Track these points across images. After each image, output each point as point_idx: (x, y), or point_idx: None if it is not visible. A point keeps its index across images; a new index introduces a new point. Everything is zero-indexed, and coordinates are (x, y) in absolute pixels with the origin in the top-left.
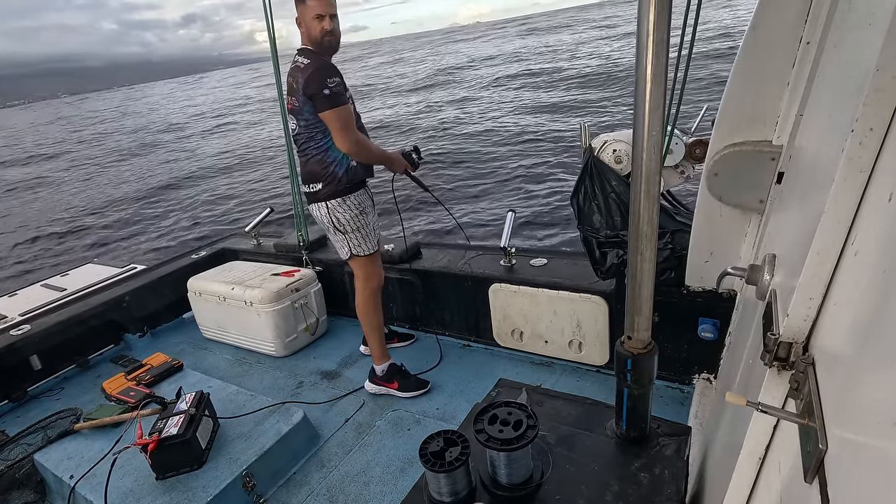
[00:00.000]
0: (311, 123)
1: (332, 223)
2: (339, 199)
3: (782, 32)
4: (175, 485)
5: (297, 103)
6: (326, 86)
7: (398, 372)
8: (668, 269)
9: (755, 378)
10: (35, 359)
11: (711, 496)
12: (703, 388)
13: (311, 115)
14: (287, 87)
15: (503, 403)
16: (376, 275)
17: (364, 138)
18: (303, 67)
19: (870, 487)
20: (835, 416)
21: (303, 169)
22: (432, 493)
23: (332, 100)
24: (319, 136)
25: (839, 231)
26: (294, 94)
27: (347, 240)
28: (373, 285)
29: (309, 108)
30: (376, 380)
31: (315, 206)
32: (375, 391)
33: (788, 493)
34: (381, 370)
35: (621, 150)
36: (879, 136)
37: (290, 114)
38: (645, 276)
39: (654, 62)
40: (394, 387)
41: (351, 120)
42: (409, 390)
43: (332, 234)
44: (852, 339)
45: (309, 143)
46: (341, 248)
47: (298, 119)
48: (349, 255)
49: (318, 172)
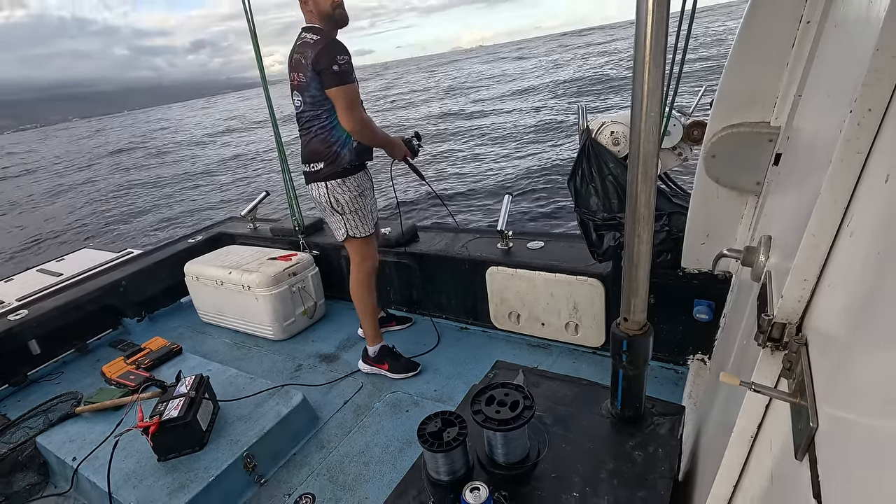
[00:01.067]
0: (317, 100)
1: (331, 203)
2: (339, 180)
3: (782, 12)
4: (177, 466)
5: (303, 79)
6: (336, 62)
7: (389, 353)
8: (664, 252)
9: (749, 358)
10: (34, 343)
11: (704, 474)
12: (698, 369)
13: (318, 92)
14: (292, 63)
15: (500, 385)
16: (371, 257)
17: (369, 118)
18: (312, 43)
19: (859, 464)
20: (826, 395)
21: (304, 148)
22: (430, 472)
23: (340, 77)
24: (325, 115)
25: (835, 212)
26: (301, 70)
27: (344, 221)
28: (367, 267)
29: (316, 84)
30: (368, 360)
31: (314, 186)
32: (368, 371)
33: (779, 470)
34: (373, 351)
35: (619, 132)
36: (878, 116)
37: (296, 90)
38: (641, 258)
39: (653, 43)
40: (384, 367)
41: (357, 99)
42: (398, 372)
43: (330, 215)
44: (845, 320)
45: (313, 122)
46: (337, 228)
47: (304, 95)
48: (345, 237)
49: (321, 151)
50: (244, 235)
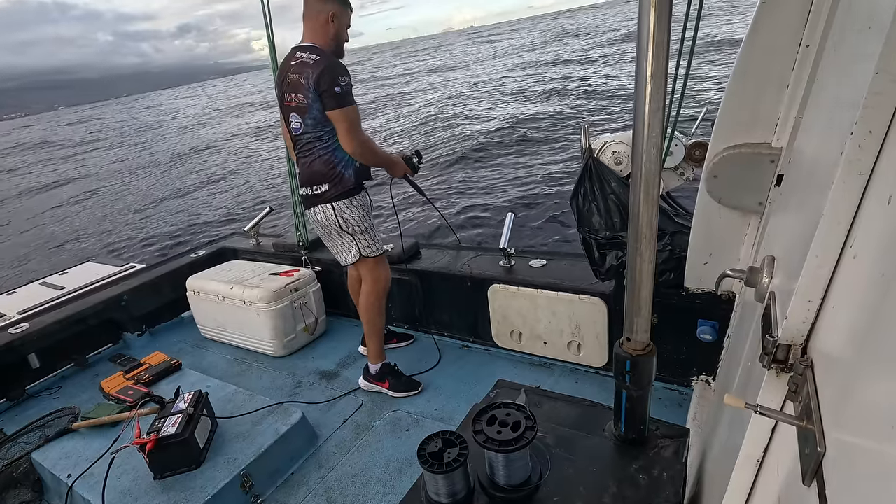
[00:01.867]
0: (319, 122)
1: (339, 225)
2: (346, 200)
3: (782, 35)
4: (173, 484)
5: (304, 100)
6: (338, 83)
7: (390, 372)
8: (667, 271)
9: (754, 380)
10: (33, 357)
11: (710, 498)
12: (702, 390)
13: (320, 114)
14: (289, 84)
15: (502, 404)
16: (385, 277)
17: (369, 139)
18: (312, 63)
19: (868, 490)
20: (833, 418)
21: (305, 170)
22: (430, 494)
23: (341, 98)
24: (327, 136)
25: (838, 234)
26: (300, 91)
27: (357, 242)
28: (381, 288)
29: (319, 105)
30: (369, 377)
31: (319, 209)
32: (368, 388)
33: (787, 496)
34: (375, 369)
35: (621, 152)
36: (879, 138)
37: (295, 112)
38: (644, 277)
39: (654, 64)
40: (384, 385)
41: (358, 120)
42: (399, 390)
43: (337, 238)
44: (851, 341)
45: (315, 143)
46: (347, 250)
47: (305, 117)
48: (357, 258)
49: (325, 173)
50: (247, 251)
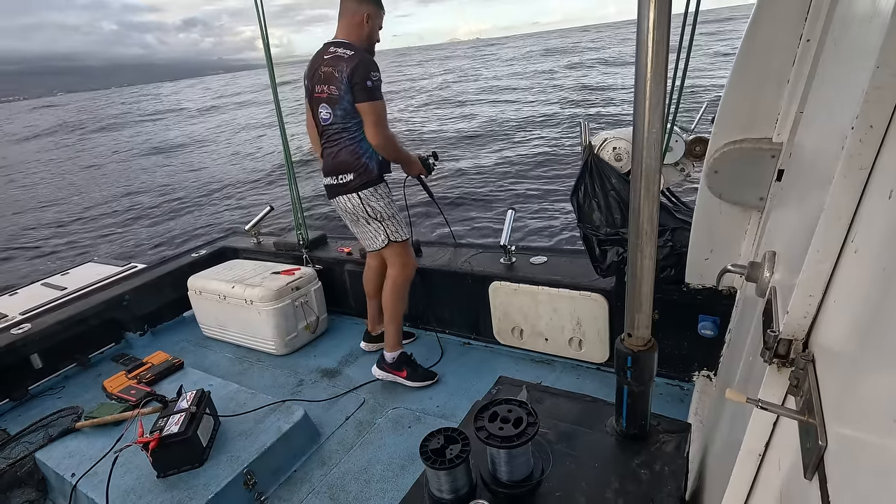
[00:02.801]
0: (348, 113)
1: (367, 212)
2: (372, 189)
3: (782, 30)
4: (176, 483)
5: (336, 91)
6: (370, 78)
7: (407, 361)
8: (668, 267)
9: (755, 375)
10: (36, 357)
11: (711, 493)
12: (703, 386)
13: (350, 105)
14: (320, 76)
15: (503, 401)
16: (412, 263)
17: (394, 135)
18: (346, 57)
19: (870, 484)
20: (835, 412)
21: (330, 160)
22: (433, 490)
23: (372, 92)
24: (354, 128)
25: (839, 228)
26: (333, 83)
27: (385, 227)
28: (408, 273)
29: (350, 97)
30: (385, 366)
31: (346, 198)
32: (382, 377)
33: (788, 490)
34: (392, 357)
35: (621, 148)
36: (879, 133)
37: (325, 103)
38: (645, 273)
39: (654, 60)
40: (402, 375)
41: (385, 115)
42: (416, 380)
43: (365, 224)
44: (852, 336)
45: (342, 134)
46: (376, 236)
47: (335, 108)
48: (386, 243)
49: (351, 163)
50: (247, 250)
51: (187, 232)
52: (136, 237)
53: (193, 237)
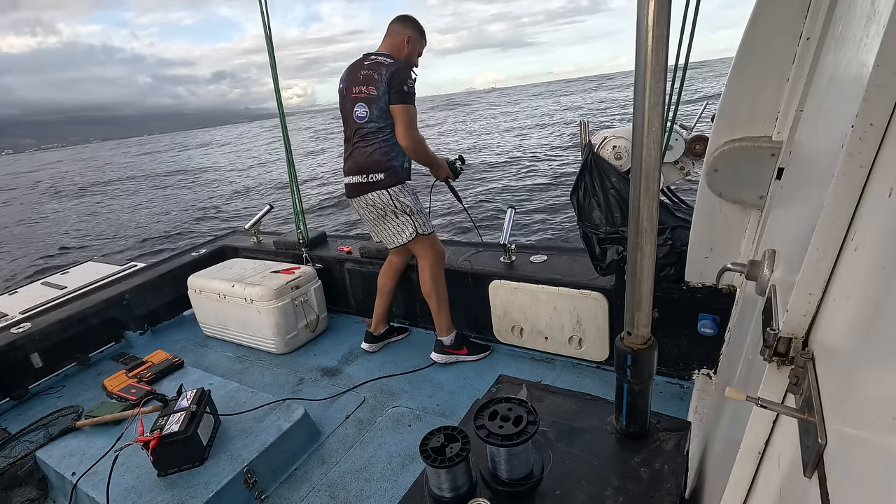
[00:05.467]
0: (384, 113)
1: (397, 207)
2: (400, 186)
3: (782, 28)
4: (177, 481)
5: (375, 91)
6: (406, 83)
7: (465, 339)
8: (667, 266)
9: (755, 373)
10: (36, 356)
11: (711, 491)
12: (703, 384)
13: (387, 105)
14: (360, 78)
15: (503, 399)
16: (440, 250)
17: (423, 138)
18: (387, 63)
19: (869, 482)
20: (834, 411)
21: (363, 158)
22: (433, 488)
23: (406, 96)
24: (388, 130)
25: (839, 227)
26: (373, 84)
27: (413, 220)
28: (440, 259)
29: (387, 98)
30: (445, 349)
31: (374, 194)
32: (445, 360)
33: (788, 488)
34: (450, 340)
35: (621, 147)
36: (880, 131)
37: (363, 102)
38: (645, 272)
39: (654, 58)
40: (463, 352)
41: (416, 119)
42: (477, 353)
43: (393, 219)
44: (852, 334)
45: (377, 134)
46: (403, 230)
47: (373, 107)
48: (413, 235)
49: (384, 163)
50: (247, 249)
51: (186, 232)
52: (136, 237)
53: (192, 237)
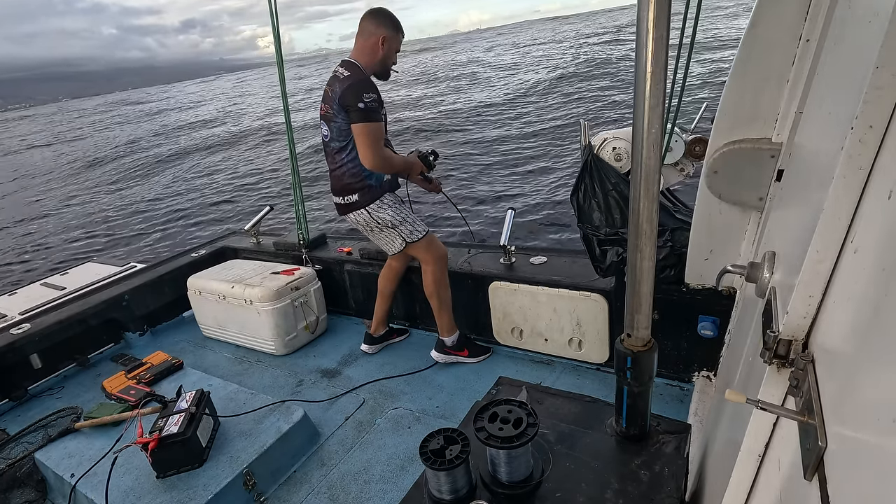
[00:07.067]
0: (343, 131)
1: (377, 223)
2: (377, 202)
3: (782, 30)
4: (176, 483)
5: (330, 110)
6: (362, 100)
7: (467, 341)
8: (667, 267)
9: (755, 375)
10: (35, 357)
11: (711, 493)
12: (703, 386)
13: (345, 124)
14: (325, 94)
15: (503, 401)
16: (442, 253)
17: (388, 154)
18: (341, 78)
19: (869, 485)
20: (834, 413)
21: (336, 181)
22: (432, 490)
23: (365, 114)
24: (351, 146)
25: (839, 228)
26: (327, 101)
27: (398, 232)
28: (442, 262)
29: (343, 116)
30: (446, 349)
31: (354, 215)
32: (444, 360)
33: (788, 491)
34: (452, 340)
35: (621, 148)
36: (879, 133)
37: (324, 120)
38: (644, 273)
39: (654, 59)
40: (464, 354)
41: (380, 137)
42: (478, 355)
43: (379, 232)
44: (852, 336)
45: (341, 153)
46: (392, 242)
47: (330, 125)
48: (403, 246)
49: (354, 185)
50: (247, 250)
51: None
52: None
53: (192, 237)
